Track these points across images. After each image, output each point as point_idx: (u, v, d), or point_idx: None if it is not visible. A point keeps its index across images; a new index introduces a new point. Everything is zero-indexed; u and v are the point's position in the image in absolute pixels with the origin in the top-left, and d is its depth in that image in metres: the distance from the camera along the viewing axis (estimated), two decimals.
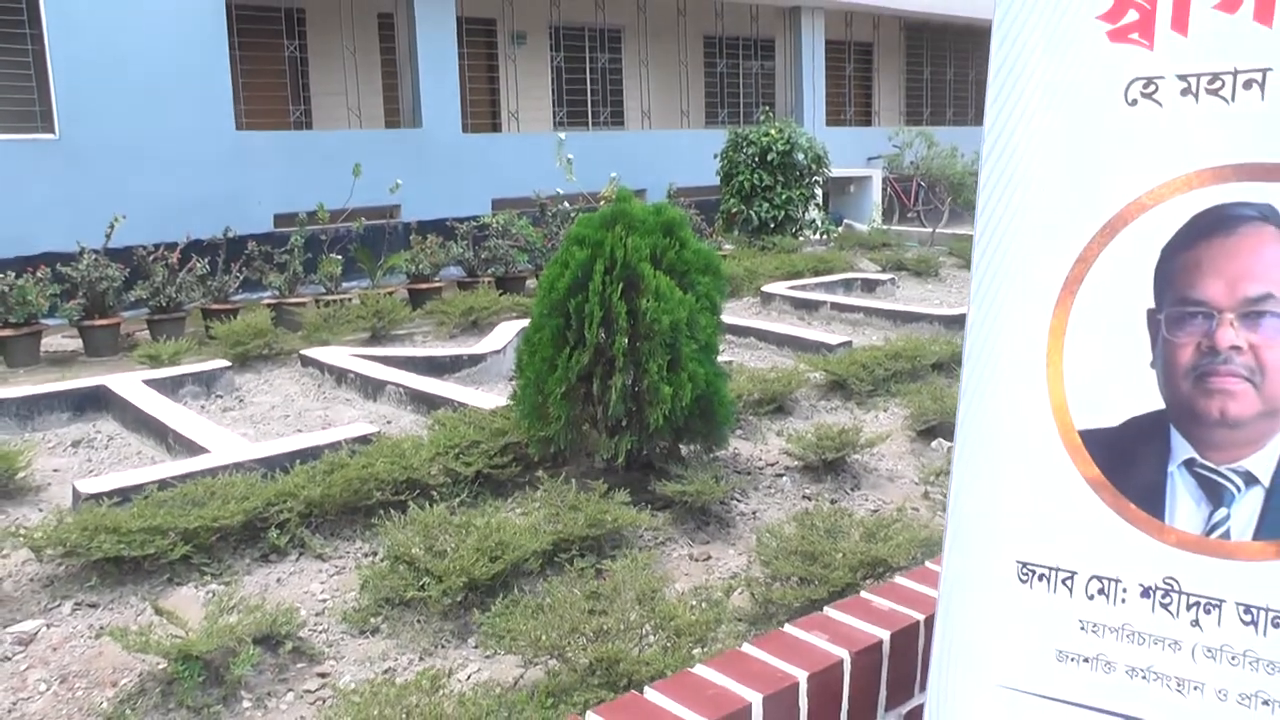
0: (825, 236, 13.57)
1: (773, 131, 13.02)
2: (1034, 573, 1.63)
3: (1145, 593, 1.53)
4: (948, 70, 22.46)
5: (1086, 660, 1.58)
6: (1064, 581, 1.61)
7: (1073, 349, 1.62)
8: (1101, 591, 1.57)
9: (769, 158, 12.86)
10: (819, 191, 13.89)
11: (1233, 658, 1.46)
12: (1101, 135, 1.61)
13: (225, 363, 6.13)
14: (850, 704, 1.90)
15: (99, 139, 9.85)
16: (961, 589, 1.71)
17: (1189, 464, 1.51)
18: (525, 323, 7.06)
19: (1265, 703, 1.43)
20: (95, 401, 5.55)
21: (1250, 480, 1.46)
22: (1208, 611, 1.48)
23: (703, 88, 17.93)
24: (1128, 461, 1.56)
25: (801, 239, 13.00)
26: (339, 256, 9.17)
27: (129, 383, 5.60)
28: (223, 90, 10.72)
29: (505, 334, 6.69)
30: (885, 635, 1.97)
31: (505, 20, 15.08)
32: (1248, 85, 1.49)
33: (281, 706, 2.77)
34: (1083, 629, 1.59)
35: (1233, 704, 1.46)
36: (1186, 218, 1.52)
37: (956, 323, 7.92)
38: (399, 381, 5.54)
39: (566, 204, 10.79)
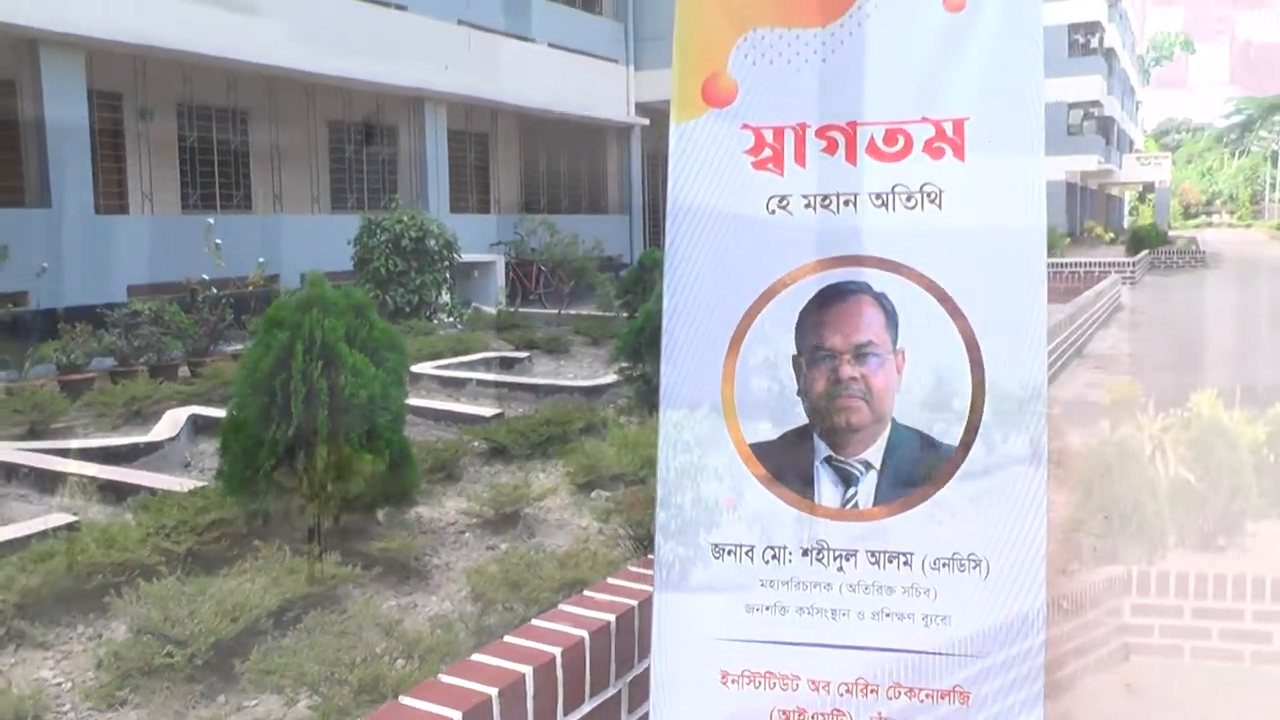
0: (457, 319, 14.13)
1: (405, 218, 13.49)
2: (724, 550, 2.25)
3: (805, 553, 2.19)
4: (562, 162, 23.94)
5: (768, 608, 2.21)
6: (746, 554, 2.23)
7: (741, 385, 2.27)
8: (775, 557, 2.21)
9: (403, 243, 13.30)
10: (449, 276, 14.46)
11: (865, 588, 2.14)
12: (752, 235, 2.29)
13: None
14: (591, 672, 2.43)
15: None
16: (672, 570, 2.29)
17: (828, 459, 2.19)
18: (191, 410, 7.13)
19: (887, 615, 2.12)
20: None
21: (868, 466, 2.16)
22: (848, 559, 2.15)
23: (329, 172, 18.09)
24: (786, 462, 2.22)
25: (435, 322, 13.49)
26: None
27: None
28: None
29: (176, 421, 6.71)
30: (611, 618, 2.52)
31: (132, 96, 14.55)
32: (845, 203, 2.22)
33: None
34: (763, 586, 2.21)
35: (868, 621, 2.14)
36: (814, 291, 2.22)
37: (594, 393, 8.72)
38: (81, 473, 5.48)
39: (214, 290, 10.65)
